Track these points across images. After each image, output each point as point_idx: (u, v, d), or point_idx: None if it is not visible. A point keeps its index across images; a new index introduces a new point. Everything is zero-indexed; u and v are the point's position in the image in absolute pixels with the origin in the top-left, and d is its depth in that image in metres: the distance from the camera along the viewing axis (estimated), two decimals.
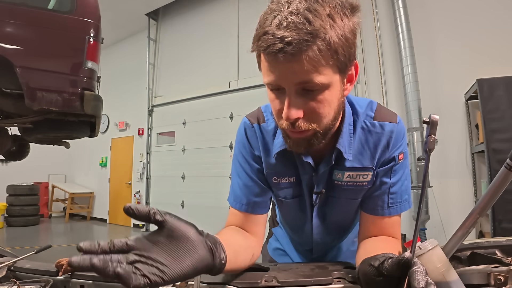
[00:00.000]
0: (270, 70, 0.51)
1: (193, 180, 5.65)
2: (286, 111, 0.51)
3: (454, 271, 0.48)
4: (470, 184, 3.45)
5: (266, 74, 0.53)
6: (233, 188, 0.73)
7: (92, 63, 2.43)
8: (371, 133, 0.66)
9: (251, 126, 0.72)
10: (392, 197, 0.67)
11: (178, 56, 6.22)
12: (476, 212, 0.48)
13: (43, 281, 0.63)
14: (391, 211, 0.67)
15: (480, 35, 3.49)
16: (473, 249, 0.63)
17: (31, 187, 6.65)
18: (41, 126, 2.47)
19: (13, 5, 2.27)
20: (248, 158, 0.72)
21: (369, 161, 0.66)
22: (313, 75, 0.49)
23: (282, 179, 0.71)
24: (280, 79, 0.51)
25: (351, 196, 0.70)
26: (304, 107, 0.52)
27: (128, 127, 7.05)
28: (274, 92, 0.55)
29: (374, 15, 4.15)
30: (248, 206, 0.70)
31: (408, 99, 3.64)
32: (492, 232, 2.77)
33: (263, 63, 0.53)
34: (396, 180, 0.67)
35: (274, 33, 0.46)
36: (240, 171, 0.73)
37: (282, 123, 0.55)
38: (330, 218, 0.76)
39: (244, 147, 0.73)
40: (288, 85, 0.51)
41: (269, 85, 0.54)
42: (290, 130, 0.55)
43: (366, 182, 0.67)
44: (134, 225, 6.60)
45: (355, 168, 0.66)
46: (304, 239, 0.84)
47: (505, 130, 2.83)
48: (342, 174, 0.67)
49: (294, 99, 0.51)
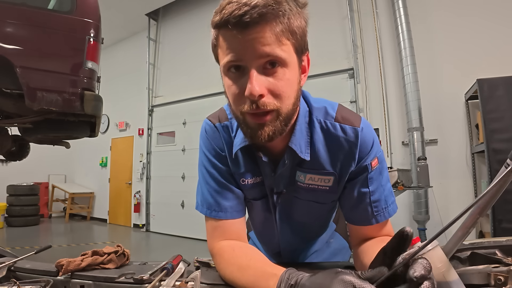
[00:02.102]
0: (231, 46, 0.50)
1: (193, 180, 5.65)
2: (250, 86, 0.49)
3: (454, 271, 0.48)
4: (470, 184, 3.45)
5: (226, 53, 0.51)
6: (204, 196, 0.68)
7: (92, 63, 2.43)
8: (331, 136, 0.63)
9: (213, 126, 0.69)
10: (376, 205, 0.64)
11: (178, 56, 6.22)
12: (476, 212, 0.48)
13: (43, 281, 0.63)
14: (378, 219, 0.64)
15: (480, 35, 3.49)
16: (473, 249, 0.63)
17: (31, 187, 6.65)
18: (41, 126, 2.47)
19: (13, 5, 2.27)
20: (215, 161, 0.68)
21: (331, 166, 0.64)
22: (276, 49, 0.49)
23: (249, 180, 0.68)
24: (243, 52, 0.49)
25: (314, 199, 0.68)
26: (267, 84, 0.50)
27: (128, 127, 7.06)
28: (232, 75, 0.53)
29: (374, 15, 4.15)
30: (224, 212, 0.66)
31: (408, 99, 3.64)
32: (492, 232, 2.77)
33: (222, 43, 0.52)
34: (375, 187, 0.64)
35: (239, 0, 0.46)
36: (208, 177, 0.68)
37: (242, 107, 0.52)
38: (295, 218, 0.74)
39: (208, 151, 0.69)
40: (251, 59, 0.49)
41: (229, 64, 0.51)
42: (252, 113, 0.52)
43: (327, 186, 0.65)
44: (134, 225, 6.60)
45: (316, 171, 0.64)
46: (271, 241, 0.82)
47: (505, 130, 2.83)
48: (304, 176, 0.65)
49: (257, 75, 0.50)
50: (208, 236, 0.68)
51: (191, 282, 0.57)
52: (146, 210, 6.28)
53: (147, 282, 0.60)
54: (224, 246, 0.63)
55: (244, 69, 0.51)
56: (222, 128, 0.68)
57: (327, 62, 4.37)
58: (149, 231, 6.16)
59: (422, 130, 3.59)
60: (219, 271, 0.62)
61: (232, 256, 0.60)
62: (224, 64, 0.52)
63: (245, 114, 0.53)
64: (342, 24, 4.38)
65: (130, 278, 0.62)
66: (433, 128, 3.66)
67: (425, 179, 3.16)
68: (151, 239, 5.67)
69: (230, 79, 0.53)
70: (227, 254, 0.61)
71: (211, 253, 0.66)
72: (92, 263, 0.67)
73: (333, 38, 4.42)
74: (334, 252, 0.92)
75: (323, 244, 0.91)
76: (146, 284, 0.59)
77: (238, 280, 0.55)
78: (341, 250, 0.95)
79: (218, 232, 0.66)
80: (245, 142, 0.63)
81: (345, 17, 4.33)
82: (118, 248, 0.73)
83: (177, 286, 0.57)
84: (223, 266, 0.60)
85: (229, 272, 0.58)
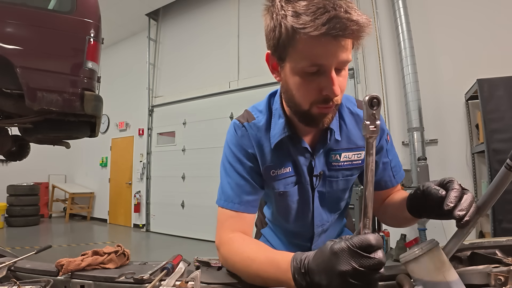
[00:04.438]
0: (317, 52, 0.54)
1: (193, 180, 5.65)
2: (334, 88, 0.56)
3: (454, 271, 0.48)
4: (470, 184, 3.45)
5: (309, 57, 0.55)
6: (223, 189, 0.73)
7: (92, 63, 2.43)
8: (360, 117, 0.75)
9: (241, 125, 0.75)
10: (395, 169, 0.81)
11: (178, 56, 6.22)
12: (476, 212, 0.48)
13: (43, 281, 0.63)
14: (397, 179, 0.82)
15: (480, 35, 3.49)
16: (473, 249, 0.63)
17: (31, 187, 6.65)
18: (41, 126, 2.47)
19: (13, 5, 2.27)
20: (241, 156, 0.73)
21: (361, 141, 0.75)
22: (350, 54, 0.56)
23: (279, 170, 0.74)
24: (327, 58, 0.54)
25: (348, 174, 0.78)
26: (339, 83, 0.58)
27: (128, 127, 7.06)
28: (307, 76, 0.57)
29: (374, 15, 4.15)
30: (241, 205, 0.71)
31: (408, 99, 3.64)
32: (492, 232, 2.77)
33: (305, 47, 0.54)
34: (392, 156, 0.81)
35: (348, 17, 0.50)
36: (231, 171, 0.73)
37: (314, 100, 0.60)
38: (329, 197, 0.81)
39: (235, 147, 0.74)
40: (332, 64, 0.55)
41: (311, 67, 0.56)
42: (322, 107, 0.60)
43: (360, 160, 0.77)
44: (134, 225, 6.60)
45: (350, 148, 0.75)
46: (304, 228, 0.85)
47: (505, 130, 2.83)
48: (339, 154, 0.75)
49: (336, 77, 0.57)
50: (218, 226, 0.71)
51: (191, 282, 0.57)
52: (146, 210, 6.28)
53: (147, 282, 0.60)
54: (234, 236, 0.67)
55: (321, 71, 0.56)
56: (250, 126, 0.74)
57: None
58: (149, 231, 6.16)
59: (422, 130, 3.59)
60: (226, 260, 0.65)
61: (242, 244, 0.64)
62: (306, 66, 0.56)
63: (313, 106, 0.61)
64: None
65: (130, 278, 0.62)
66: (433, 128, 3.66)
67: (425, 179, 3.16)
68: (151, 239, 5.67)
69: (303, 77, 0.58)
70: (237, 243, 0.64)
71: (218, 243, 0.68)
72: (92, 263, 0.67)
73: None
74: None
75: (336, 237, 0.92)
76: (146, 284, 0.59)
77: (249, 267, 0.58)
78: None
79: (230, 223, 0.70)
80: (284, 133, 0.70)
81: None
82: (118, 248, 0.73)
83: (177, 286, 0.57)
84: (232, 254, 0.63)
85: (238, 259, 0.61)
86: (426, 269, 0.47)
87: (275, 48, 0.59)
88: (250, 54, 5.17)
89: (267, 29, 0.59)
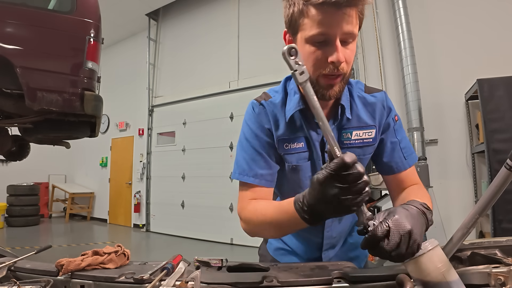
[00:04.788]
0: (324, 21, 0.61)
1: (193, 180, 5.65)
2: (338, 55, 0.62)
3: (454, 271, 0.48)
4: (470, 184, 3.45)
5: (315, 26, 0.62)
6: (239, 164, 0.79)
7: (92, 63, 2.43)
8: (367, 101, 0.79)
9: (259, 104, 0.80)
10: (405, 151, 0.81)
11: (178, 56, 6.22)
12: (476, 212, 0.48)
13: (44, 281, 0.63)
14: (409, 162, 0.81)
15: (480, 35, 3.49)
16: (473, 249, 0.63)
17: (31, 187, 6.65)
18: (42, 126, 2.47)
19: (13, 5, 2.27)
20: (258, 132, 0.78)
21: (371, 120, 0.78)
22: (355, 28, 0.63)
23: (293, 144, 0.78)
24: (332, 27, 0.61)
25: (360, 153, 0.79)
26: (345, 54, 0.64)
27: (128, 127, 7.06)
28: (317, 44, 0.64)
29: (374, 15, 4.15)
30: (255, 178, 0.76)
31: (409, 99, 3.64)
32: (492, 232, 2.77)
33: (313, 16, 0.62)
34: (401, 137, 0.82)
35: None
36: (247, 146, 0.78)
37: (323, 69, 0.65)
38: None
39: (253, 122, 0.79)
40: (336, 34, 0.61)
41: (318, 35, 0.62)
42: (328, 75, 0.65)
43: (371, 139, 0.79)
44: (134, 225, 6.60)
45: (361, 126, 0.78)
46: None
47: (505, 130, 2.83)
48: (351, 133, 0.78)
49: (341, 47, 0.63)
50: (238, 198, 0.79)
51: (191, 282, 0.57)
52: (146, 210, 6.28)
53: (147, 282, 0.60)
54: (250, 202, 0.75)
55: (328, 40, 0.63)
56: (268, 104, 0.79)
57: None
58: (149, 231, 6.16)
59: (422, 130, 3.59)
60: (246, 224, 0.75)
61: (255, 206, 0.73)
62: (314, 34, 0.63)
63: (321, 76, 0.66)
64: None
65: (130, 278, 0.62)
66: (433, 128, 3.66)
67: (425, 179, 3.16)
68: (151, 239, 5.67)
69: (313, 46, 0.64)
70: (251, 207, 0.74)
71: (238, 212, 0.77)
72: (92, 263, 0.67)
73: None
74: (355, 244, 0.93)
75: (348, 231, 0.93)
76: (146, 284, 0.59)
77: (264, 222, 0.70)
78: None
79: (246, 194, 0.77)
80: (299, 106, 0.75)
81: None
82: (118, 248, 0.72)
83: (177, 286, 0.57)
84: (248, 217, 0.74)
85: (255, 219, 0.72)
86: (426, 269, 0.47)
87: (289, 24, 0.67)
88: (250, 54, 5.17)
89: (284, 10, 0.68)
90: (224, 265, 0.69)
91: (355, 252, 0.94)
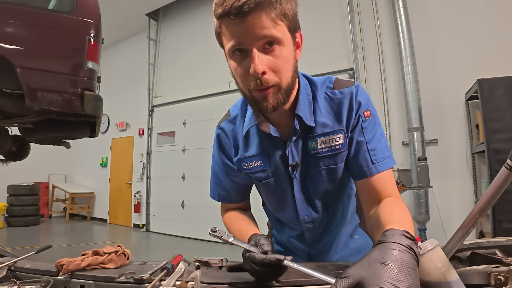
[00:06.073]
0: (234, 32, 0.56)
1: (193, 180, 5.65)
2: (254, 65, 0.56)
3: (454, 271, 0.48)
4: (470, 184, 3.45)
5: (229, 39, 0.58)
6: (210, 184, 0.89)
7: (92, 63, 2.43)
8: (334, 100, 0.71)
9: (218, 128, 0.82)
10: (373, 154, 0.69)
11: (178, 56, 6.22)
12: (476, 212, 0.48)
13: (44, 281, 0.63)
14: (377, 167, 0.68)
15: (481, 35, 3.49)
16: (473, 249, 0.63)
17: (31, 187, 6.65)
18: (42, 126, 2.47)
19: (13, 5, 2.27)
20: (217, 157, 0.84)
21: (337, 124, 0.71)
22: (272, 30, 0.55)
23: (250, 163, 0.77)
24: (244, 37, 0.56)
25: (330, 163, 0.73)
26: (268, 62, 0.58)
27: (129, 127, 7.06)
28: (237, 58, 0.59)
29: (374, 15, 4.15)
30: (219, 198, 0.87)
31: (409, 99, 3.64)
32: (492, 232, 2.77)
33: (225, 30, 0.58)
34: (370, 137, 0.70)
35: None
36: (212, 171, 0.87)
37: (249, 84, 0.60)
38: (314, 190, 0.77)
39: (215, 149, 0.84)
40: (252, 42, 0.56)
41: (233, 48, 0.58)
42: (257, 89, 0.60)
43: (340, 145, 0.71)
44: (134, 225, 6.60)
45: (326, 133, 0.71)
46: (291, 220, 0.83)
47: (505, 130, 2.83)
48: (316, 142, 0.72)
49: (259, 54, 0.57)
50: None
51: (191, 282, 0.57)
52: (146, 210, 6.28)
53: (147, 282, 0.60)
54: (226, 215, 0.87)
55: (246, 51, 0.58)
56: (227, 124, 0.80)
57: (327, 62, 4.38)
58: (149, 231, 6.16)
59: (422, 130, 3.59)
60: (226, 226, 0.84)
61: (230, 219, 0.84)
62: (229, 48, 0.59)
63: (252, 90, 0.61)
64: (342, 24, 4.37)
65: (130, 278, 0.62)
66: (433, 128, 3.66)
67: (425, 179, 3.16)
68: (151, 239, 5.67)
69: (235, 61, 0.60)
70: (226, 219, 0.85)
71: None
72: (92, 263, 0.67)
73: (333, 38, 4.42)
74: (358, 249, 0.91)
75: (347, 237, 0.90)
76: (146, 284, 0.59)
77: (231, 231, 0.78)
78: (366, 248, 0.92)
79: (221, 206, 0.90)
80: (251, 124, 0.74)
81: (345, 17, 4.33)
82: (118, 248, 0.73)
83: (177, 286, 0.57)
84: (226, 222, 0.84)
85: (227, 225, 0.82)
86: (426, 269, 0.47)
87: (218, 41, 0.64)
88: None
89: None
90: (224, 265, 0.69)
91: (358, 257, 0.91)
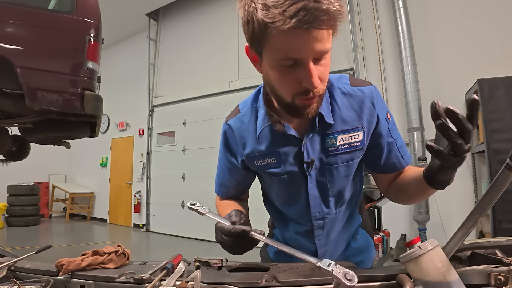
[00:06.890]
0: (290, 45, 0.52)
1: (193, 180, 5.65)
2: (312, 80, 0.55)
3: (454, 271, 0.48)
4: (470, 184, 3.45)
5: (283, 50, 0.53)
6: (216, 176, 0.91)
7: (92, 63, 2.43)
8: (353, 97, 0.72)
9: (225, 124, 0.82)
10: (402, 150, 0.77)
11: (178, 56, 6.22)
12: (476, 212, 0.48)
13: (44, 281, 0.63)
14: (406, 160, 0.77)
15: (481, 35, 3.48)
16: (473, 249, 0.63)
17: (31, 187, 6.65)
18: (42, 126, 2.47)
19: (13, 5, 2.27)
20: (225, 154, 0.84)
21: (357, 121, 0.71)
22: (327, 43, 0.54)
23: (263, 160, 0.76)
24: (303, 49, 0.53)
25: (348, 159, 0.74)
26: (318, 73, 0.56)
27: (129, 127, 7.06)
28: (284, 69, 0.56)
29: (374, 15, 4.15)
30: (219, 192, 0.90)
31: (409, 99, 3.64)
32: (493, 232, 2.77)
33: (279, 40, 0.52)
34: (396, 136, 0.76)
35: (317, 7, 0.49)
36: (218, 164, 0.89)
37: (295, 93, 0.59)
38: (330, 187, 0.77)
39: (221, 144, 0.85)
40: (308, 56, 0.54)
41: (287, 60, 0.55)
42: (304, 99, 0.59)
43: (358, 142, 0.72)
44: (134, 225, 6.60)
45: (346, 130, 0.71)
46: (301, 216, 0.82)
47: (505, 130, 2.83)
48: (335, 139, 0.72)
49: (314, 68, 0.55)
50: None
51: (191, 282, 0.57)
52: (146, 210, 6.28)
53: (147, 282, 0.60)
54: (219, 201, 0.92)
55: (298, 63, 0.55)
56: (235, 121, 0.80)
57: None
58: (149, 231, 6.16)
59: (423, 130, 3.59)
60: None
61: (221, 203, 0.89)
62: (281, 59, 0.55)
63: (296, 99, 0.60)
64: (342, 24, 4.33)
65: (130, 277, 0.62)
66: (433, 128, 3.58)
67: None
68: (151, 239, 5.67)
69: (281, 70, 0.57)
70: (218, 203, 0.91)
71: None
72: (92, 263, 0.67)
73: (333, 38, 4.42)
74: (360, 249, 0.91)
75: (350, 236, 0.90)
76: (146, 284, 0.59)
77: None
78: (367, 248, 0.94)
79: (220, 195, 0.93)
80: (265, 124, 0.74)
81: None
82: (118, 248, 0.73)
83: (177, 286, 0.57)
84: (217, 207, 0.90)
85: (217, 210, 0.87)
86: (426, 269, 0.47)
87: (251, 42, 0.58)
88: None
89: (242, 22, 0.58)
90: (224, 265, 0.69)
91: (359, 257, 0.91)
